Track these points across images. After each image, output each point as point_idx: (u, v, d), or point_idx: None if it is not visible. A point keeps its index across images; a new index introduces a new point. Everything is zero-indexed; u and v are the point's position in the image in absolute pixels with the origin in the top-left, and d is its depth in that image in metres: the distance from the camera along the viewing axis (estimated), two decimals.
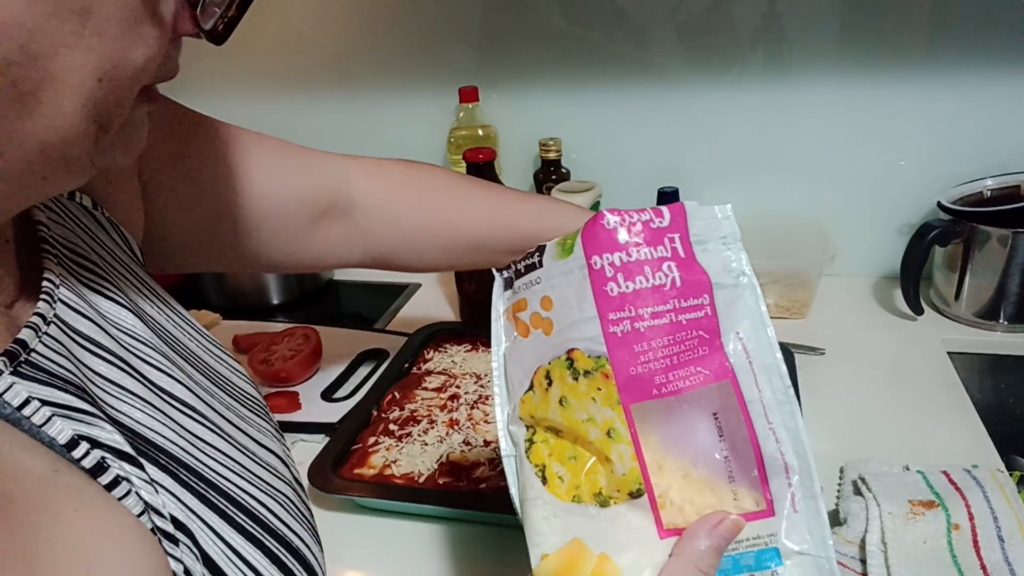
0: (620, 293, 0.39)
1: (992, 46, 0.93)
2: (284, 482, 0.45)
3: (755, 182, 1.08)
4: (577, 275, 0.40)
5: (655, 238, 0.40)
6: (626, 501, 0.38)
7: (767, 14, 0.99)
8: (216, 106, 1.31)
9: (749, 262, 0.41)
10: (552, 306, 0.41)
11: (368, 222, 0.66)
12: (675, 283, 0.39)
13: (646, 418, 0.38)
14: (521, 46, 1.09)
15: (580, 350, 0.39)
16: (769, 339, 0.39)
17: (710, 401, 0.38)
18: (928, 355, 0.91)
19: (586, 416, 0.39)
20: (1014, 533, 0.58)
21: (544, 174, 1.11)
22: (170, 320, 0.47)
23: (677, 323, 0.39)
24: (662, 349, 0.38)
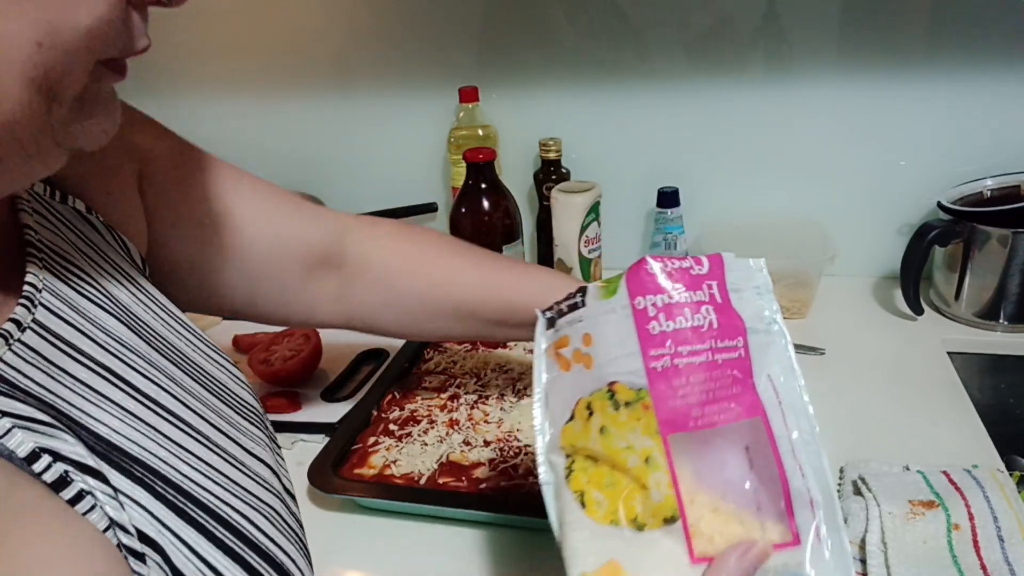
0: (661, 332, 0.42)
1: (992, 46, 0.93)
2: (272, 493, 0.44)
3: (755, 182, 1.08)
4: (620, 314, 0.43)
5: (694, 283, 0.43)
6: (661, 527, 0.40)
7: (767, 14, 0.99)
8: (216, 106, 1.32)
9: (780, 312, 0.44)
10: (592, 342, 0.44)
11: (358, 281, 0.65)
12: (712, 325, 0.42)
13: (682, 449, 0.41)
14: (521, 46, 1.09)
15: (622, 383, 0.42)
16: (799, 385, 0.42)
17: (741, 435, 0.41)
18: (928, 355, 0.91)
19: (625, 444, 0.41)
20: (1014, 533, 0.58)
21: (544, 174, 1.11)
22: (166, 325, 0.47)
23: (713, 362, 0.42)
24: (699, 385, 0.41)
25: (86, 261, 0.43)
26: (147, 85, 1.29)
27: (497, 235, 1.00)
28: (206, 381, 0.46)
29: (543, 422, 0.45)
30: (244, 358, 0.96)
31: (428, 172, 1.20)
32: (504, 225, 1.00)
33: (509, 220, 1.01)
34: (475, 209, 0.99)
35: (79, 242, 0.44)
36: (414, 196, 1.21)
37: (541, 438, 0.45)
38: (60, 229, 0.43)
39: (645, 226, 1.14)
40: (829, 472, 0.40)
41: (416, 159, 1.20)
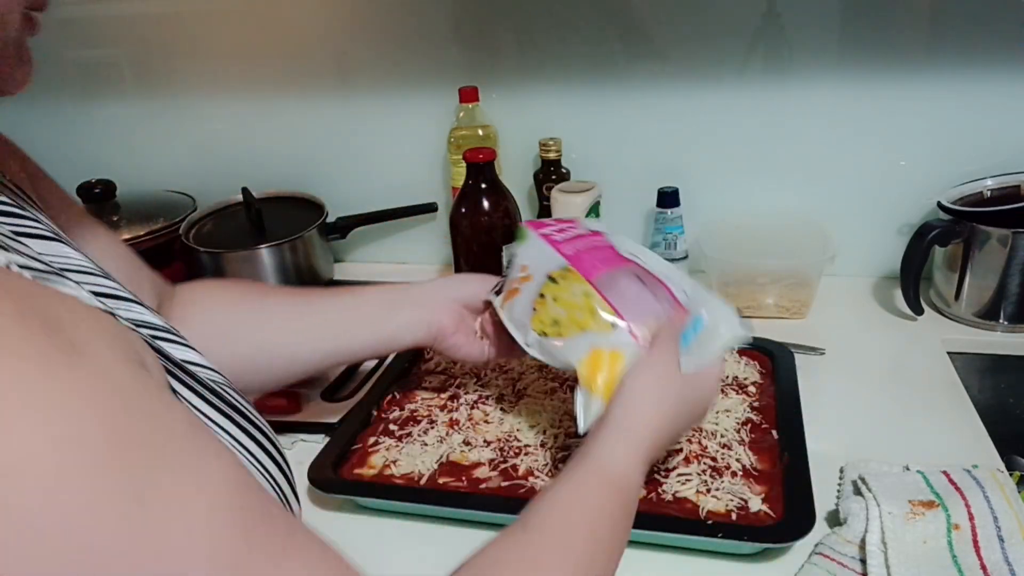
0: (563, 239, 0.72)
1: (992, 46, 0.93)
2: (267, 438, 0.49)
3: (755, 182, 1.08)
4: (536, 243, 0.73)
5: (567, 224, 0.76)
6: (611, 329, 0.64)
7: (767, 14, 0.99)
8: (217, 106, 1.32)
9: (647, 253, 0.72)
10: (527, 267, 0.71)
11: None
12: (584, 233, 0.74)
13: (603, 285, 0.66)
14: (521, 46, 1.09)
15: (554, 270, 0.69)
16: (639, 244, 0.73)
17: (632, 272, 0.68)
18: (928, 355, 0.91)
19: (571, 295, 0.66)
20: (1014, 533, 0.58)
21: (544, 174, 1.11)
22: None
23: (596, 246, 0.71)
24: (594, 256, 0.70)
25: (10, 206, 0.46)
26: (148, 86, 1.30)
27: (497, 235, 1.00)
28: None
29: (518, 331, 0.69)
30: None
31: (428, 172, 1.20)
32: (504, 225, 1.00)
33: (509, 220, 1.01)
34: (475, 209, 0.99)
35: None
36: (414, 196, 1.20)
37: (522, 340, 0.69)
38: None
39: (645, 226, 1.14)
40: (671, 265, 0.71)
41: (416, 159, 1.20)
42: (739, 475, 0.68)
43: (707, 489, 0.67)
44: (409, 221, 1.21)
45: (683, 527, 0.63)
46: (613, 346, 0.62)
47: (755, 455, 0.71)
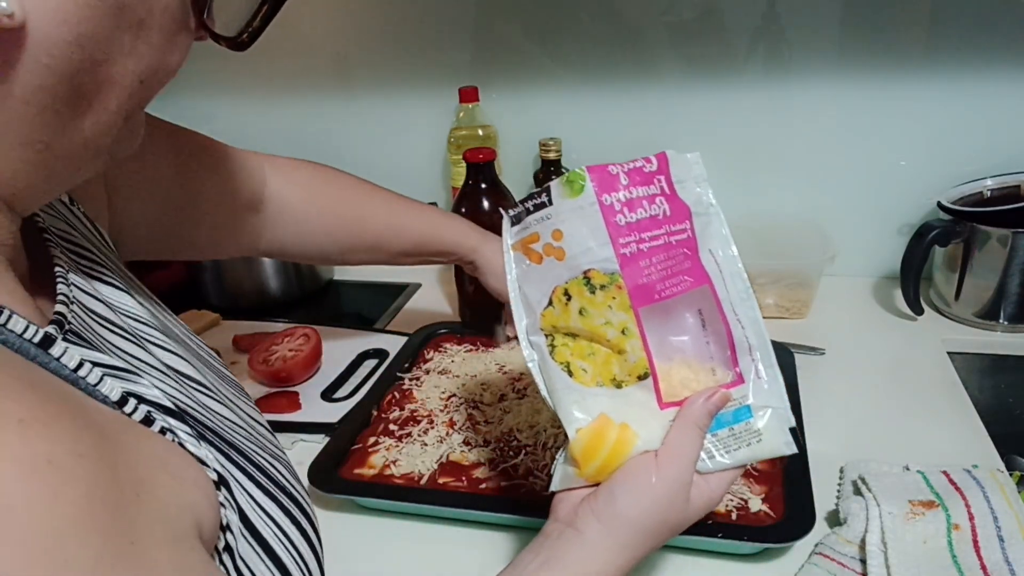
0: (627, 223, 0.49)
1: (992, 46, 0.93)
2: (277, 448, 0.49)
3: (755, 182, 1.08)
4: (589, 211, 0.49)
5: (647, 180, 0.51)
6: (636, 383, 0.50)
7: (767, 14, 0.99)
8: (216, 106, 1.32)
9: (714, 196, 0.53)
10: (564, 237, 0.50)
11: (278, 219, 0.73)
12: (666, 213, 0.50)
13: (650, 318, 0.49)
14: (521, 46, 1.09)
15: (596, 269, 0.50)
16: (734, 254, 0.51)
17: (695, 301, 0.50)
18: (928, 355, 0.91)
19: (604, 320, 0.50)
20: (1014, 533, 0.58)
21: (544, 174, 1.11)
22: (155, 305, 0.50)
23: (669, 243, 0.50)
24: (659, 264, 0.50)
25: (89, 245, 0.46)
26: None
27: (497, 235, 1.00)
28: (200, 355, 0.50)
29: (520, 309, 0.53)
30: (244, 358, 0.96)
31: (428, 172, 1.20)
32: None
33: None
34: (475, 209, 0.99)
35: (72, 230, 0.46)
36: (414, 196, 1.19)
37: (520, 323, 0.53)
38: (60, 218, 0.46)
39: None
40: (762, 323, 0.50)
41: (416, 159, 1.20)
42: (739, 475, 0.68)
43: None
44: None
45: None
46: (626, 418, 0.49)
47: None
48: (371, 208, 0.80)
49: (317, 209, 0.76)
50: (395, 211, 0.81)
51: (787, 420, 0.50)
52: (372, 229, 0.79)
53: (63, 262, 0.41)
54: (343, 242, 0.78)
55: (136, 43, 0.32)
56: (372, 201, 0.80)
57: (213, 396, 0.45)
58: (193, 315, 1.10)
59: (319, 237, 0.77)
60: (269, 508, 0.41)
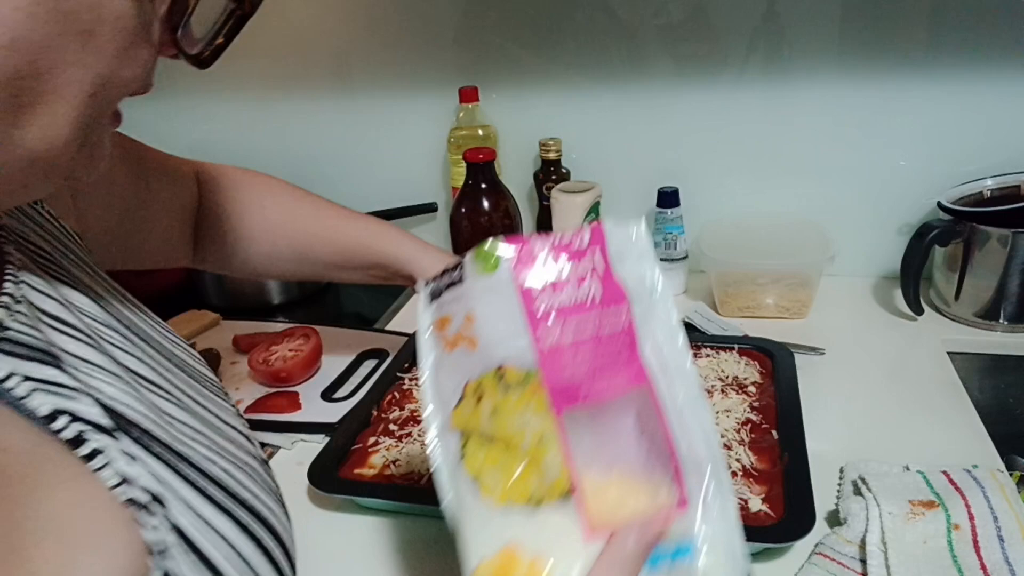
0: (547, 310, 0.42)
1: (992, 46, 0.93)
2: (249, 454, 0.46)
3: (755, 182, 1.08)
4: (504, 292, 0.42)
5: (577, 256, 0.43)
6: (556, 502, 0.40)
7: (767, 14, 0.99)
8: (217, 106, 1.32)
9: (662, 275, 0.44)
10: (476, 322, 0.43)
11: (208, 230, 0.71)
12: (596, 299, 0.42)
13: (574, 424, 0.40)
14: (521, 46, 1.09)
15: (510, 365, 0.41)
16: (680, 347, 0.42)
17: (630, 405, 0.41)
18: (928, 355, 0.91)
19: (519, 425, 0.40)
20: (1014, 533, 0.58)
21: (544, 174, 1.11)
22: (126, 306, 0.48)
23: (599, 335, 0.42)
24: (587, 359, 0.41)
25: (52, 247, 0.45)
26: None
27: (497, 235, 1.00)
28: (172, 356, 0.48)
29: (433, 402, 0.44)
30: (244, 358, 0.96)
31: (428, 172, 1.20)
32: (504, 225, 1.00)
33: (509, 220, 1.01)
34: (475, 209, 0.99)
35: (39, 231, 0.45)
36: (414, 196, 1.21)
37: (431, 421, 0.44)
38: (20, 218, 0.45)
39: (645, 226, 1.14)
40: (715, 435, 0.41)
41: (416, 159, 1.20)
42: (739, 475, 0.68)
43: None
44: (409, 221, 1.21)
45: None
46: (541, 550, 0.39)
47: (755, 455, 0.71)
48: (299, 214, 0.75)
49: (241, 218, 0.72)
50: (323, 217, 0.75)
51: (737, 560, 0.40)
52: (299, 236, 0.74)
53: (15, 262, 0.39)
54: (269, 250, 0.74)
55: (83, 53, 0.31)
56: (299, 206, 0.75)
57: (172, 400, 0.43)
58: (193, 315, 1.10)
59: (244, 244, 0.73)
60: (219, 523, 0.38)
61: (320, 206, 0.76)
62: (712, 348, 0.88)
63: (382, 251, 0.74)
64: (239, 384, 0.93)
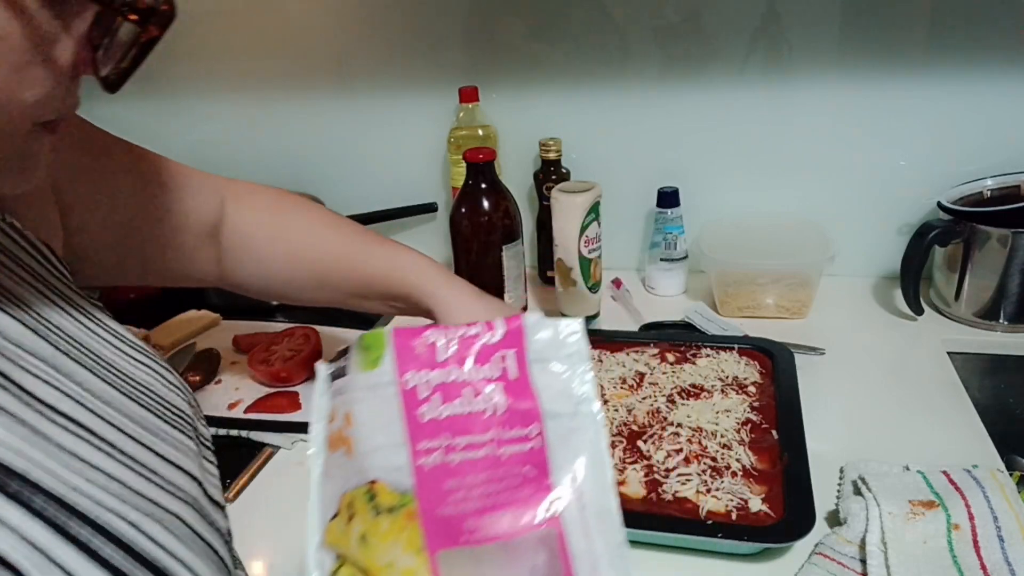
0: (433, 419, 0.35)
1: (992, 46, 0.93)
2: (184, 502, 0.42)
3: (755, 182, 1.08)
4: (385, 392, 0.35)
5: (483, 355, 0.36)
6: None
7: (767, 14, 0.99)
8: (216, 106, 1.32)
9: (596, 387, 0.36)
10: (353, 424, 0.36)
11: (231, 249, 0.69)
12: (497, 410, 0.35)
13: (453, 568, 0.33)
14: (521, 46, 1.09)
15: (384, 482, 0.34)
16: (607, 482, 0.35)
17: (529, 552, 0.33)
18: (928, 355, 0.91)
19: (387, 560, 0.33)
20: (1014, 533, 0.58)
21: (544, 174, 1.11)
22: (84, 328, 0.46)
23: (497, 457, 0.34)
24: (478, 487, 0.34)
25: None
26: (147, 86, 1.29)
27: (497, 235, 1.00)
28: (127, 386, 0.45)
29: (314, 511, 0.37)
30: (244, 358, 0.96)
31: (428, 172, 1.20)
32: (504, 225, 1.00)
33: (509, 220, 1.01)
34: (475, 209, 0.99)
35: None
36: (414, 196, 1.21)
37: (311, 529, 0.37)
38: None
39: (645, 226, 1.14)
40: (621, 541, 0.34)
41: (416, 159, 1.20)
42: (739, 475, 0.68)
43: (707, 489, 0.67)
44: (409, 221, 1.21)
45: (683, 527, 0.63)
46: None
47: (755, 455, 0.71)
48: (322, 239, 0.71)
49: (264, 239, 0.70)
50: (347, 243, 0.71)
51: None
52: (320, 263, 0.70)
53: None
54: (290, 276, 0.71)
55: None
56: (324, 232, 0.71)
57: (91, 440, 0.39)
58: (193, 315, 1.10)
59: (266, 268, 0.70)
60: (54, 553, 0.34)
61: (346, 232, 0.72)
62: (712, 348, 0.88)
63: (404, 282, 0.69)
64: (239, 384, 0.93)
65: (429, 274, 0.69)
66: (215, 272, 0.69)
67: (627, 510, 0.35)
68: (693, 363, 0.86)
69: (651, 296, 1.11)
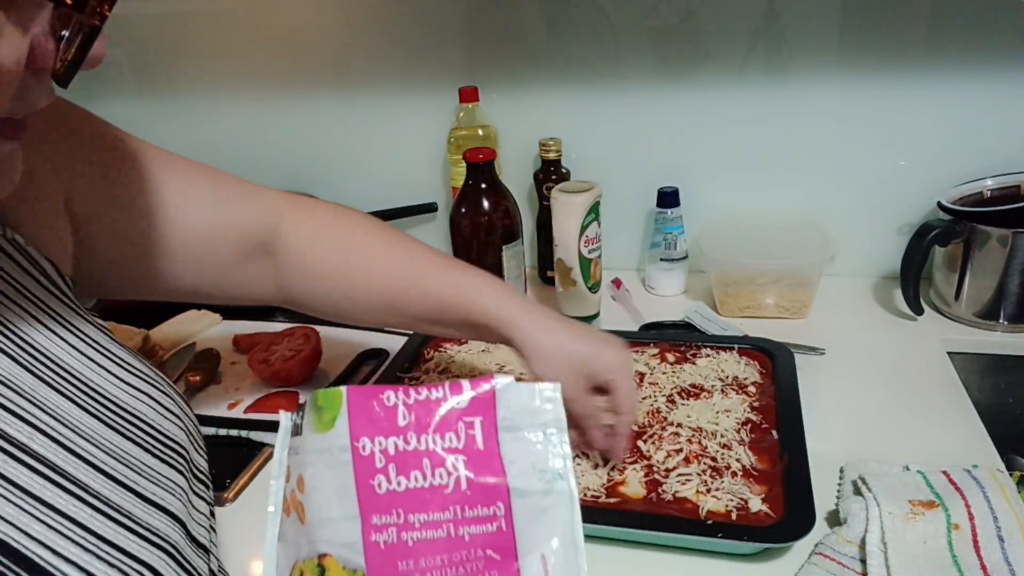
0: (389, 491, 0.32)
1: (992, 46, 0.93)
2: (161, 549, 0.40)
3: (755, 182, 1.08)
4: (338, 458, 0.32)
5: (447, 422, 0.32)
6: None
7: (767, 14, 0.99)
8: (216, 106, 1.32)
9: (570, 461, 0.32)
10: (306, 488, 0.33)
11: (290, 268, 0.65)
12: (460, 484, 0.32)
13: None
14: (521, 46, 1.09)
15: (334, 557, 0.32)
16: (581, 568, 0.32)
17: None
18: (928, 355, 0.91)
19: None
20: (1014, 533, 0.58)
21: (544, 174, 1.11)
22: (77, 355, 0.44)
23: (457, 538, 0.31)
24: (435, 571, 0.31)
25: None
26: (148, 86, 1.30)
27: (497, 235, 1.00)
28: (116, 418, 0.43)
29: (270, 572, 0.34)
30: (244, 358, 0.96)
31: (428, 172, 1.20)
32: (504, 225, 1.00)
33: (509, 220, 1.01)
34: (475, 209, 0.99)
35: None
36: (414, 196, 1.21)
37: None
38: None
39: (645, 226, 1.14)
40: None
41: (416, 159, 1.20)
42: (739, 475, 0.68)
43: (707, 489, 0.67)
44: (409, 221, 1.21)
45: (683, 527, 0.63)
46: None
47: (755, 455, 0.71)
48: (388, 260, 0.67)
49: (327, 257, 0.66)
50: (417, 265, 0.67)
51: None
52: (387, 285, 0.66)
53: None
54: (354, 297, 0.67)
55: None
56: (391, 252, 0.67)
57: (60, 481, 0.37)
58: (193, 315, 1.10)
59: (328, 289, 0.67)
60: None
61: (416, 253, 0.68)
62: (712, 348, 0.88)
63: (478, 308, 0.64)
64: (239, 384, 0.93)
65: (506, 300, 0.64)
66: (271, 291, 0.66)
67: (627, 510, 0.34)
68: (693, 363, 0.86)
69: (651, 296, 1.11)
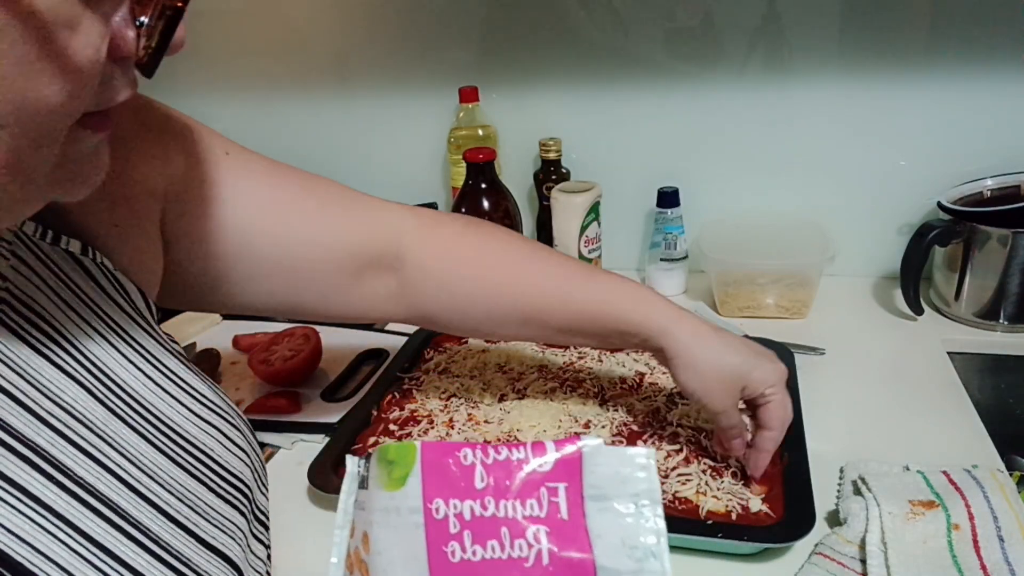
0: (464, 560, 0.29)
1: (992, 46, 0.93)
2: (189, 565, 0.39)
3: (755, 182, 1.08)
4: (408, 519, 0.29)
5: (529, 486, 0.29)
6: None
7: (767, 14, 0.99)
8: (216, 106, 1.32)
9: (665, 538, 0.29)
10: (371, 547, 0.30)
11: (416, 283, 0.64)
12: (541, 558, 0.28)
13: None
14: (521, 46, 1.09)
15: None
16: None
17: None
18: (928, 355, 0.91)
19: None
20: (1014, 533, 0.58)
21: (544, 174, 1.11)
22: (150, 383, 0.43)
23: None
24: None
25: (64, 315, 0.40)
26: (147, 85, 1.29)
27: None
28: (183, 452, 0.42)
29: None
30: (244, 358, 0.96)
31: (428, 172, 1.20)
32: (504, 225, 1.00)
33: (509, 220, 1.01)
34: (475, 209, 0.99)
35: (64, 291, 0.41)
36: (414, 196, 1.20)
37: None
38: (42, 277, 0.40)
39: (645, 226, 1.14)
40: None
41: (416, 159, 1.20)
42: (739, 475, 0.68)
43: (707, 489, 0.67)
44: None
45: (683, 527, 0.63)
46: None
47: None
48: (526, 272, 0.65)
49: (461, 271, 0.64)
50: (557, 276, 0.65)
51: None
52: (526, 298, 0.64)
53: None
54: (491, 312, 0.64)
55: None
56: (528, 263, 0.65)
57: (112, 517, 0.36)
58: (193, 315, 1.10)
59: (464, 304, 0.64)
60: None
61: (553, 263, 0.66)
62: None
63: (625, 318, 0.63)
64: (239, 384, 0.93)
65: (656, 308, 0.63)
66: (394, 307, 0.65)
67: None
68: None
69: None
